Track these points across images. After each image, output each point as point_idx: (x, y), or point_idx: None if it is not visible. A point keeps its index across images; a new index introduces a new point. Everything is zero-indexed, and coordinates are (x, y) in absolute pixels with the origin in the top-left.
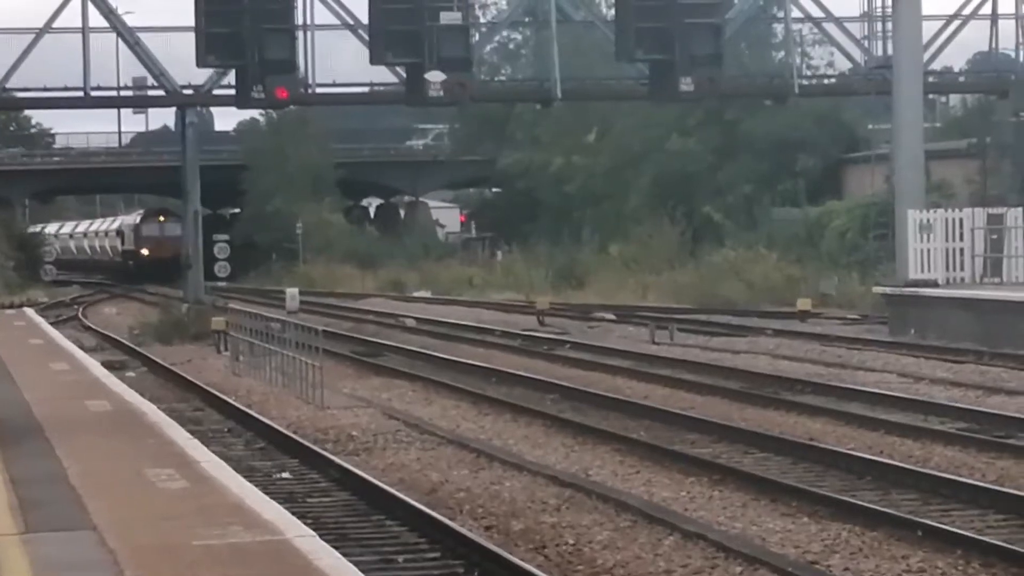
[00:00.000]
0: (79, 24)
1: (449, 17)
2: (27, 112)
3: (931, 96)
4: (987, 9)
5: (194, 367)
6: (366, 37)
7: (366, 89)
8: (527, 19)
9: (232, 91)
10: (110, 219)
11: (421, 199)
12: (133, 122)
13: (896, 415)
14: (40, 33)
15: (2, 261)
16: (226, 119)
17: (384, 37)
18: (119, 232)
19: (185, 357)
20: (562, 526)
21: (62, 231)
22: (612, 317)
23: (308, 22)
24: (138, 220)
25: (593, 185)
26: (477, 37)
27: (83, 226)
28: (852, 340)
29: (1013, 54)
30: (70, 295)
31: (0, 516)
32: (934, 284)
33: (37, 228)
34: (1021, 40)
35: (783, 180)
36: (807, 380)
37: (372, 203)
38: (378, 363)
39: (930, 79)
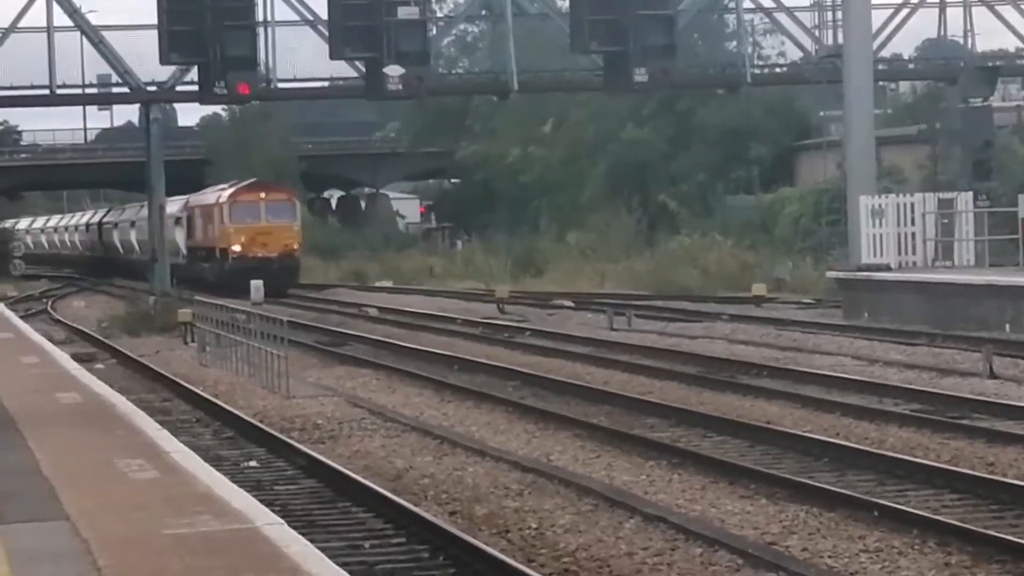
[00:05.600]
0: (44, 24)
1: (406, 12)
2: None
3: (881, 83)
4: None
5: (162, 358)
6: (325, 33)
7: (326, 84)
8: (483, 13)
9: (195, 87)
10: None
11: (381, 191)
12: (98, 119)
13: (851, 397)
14: (5, 33)
15: None
16: (189, 114)
17: (343, 32)
18: (178, 220)
19: (153, 349)
20: (525, 511)
21: (50, 224)
22: (571, 304)
23: (268, 19)
24: (224, 197)
25: (550, 175)
26: (434, 31)
27: (88, 217)
28: (807, 324)
29: (961, 41)
30: (39, 289)
31: None
32: (887, 268)
33: (9, 223)
34: (969, 27)
35: (736, 168)
36: (763, 364)
37: (334, 195)
38: (342, 352)
39: (880, 67)
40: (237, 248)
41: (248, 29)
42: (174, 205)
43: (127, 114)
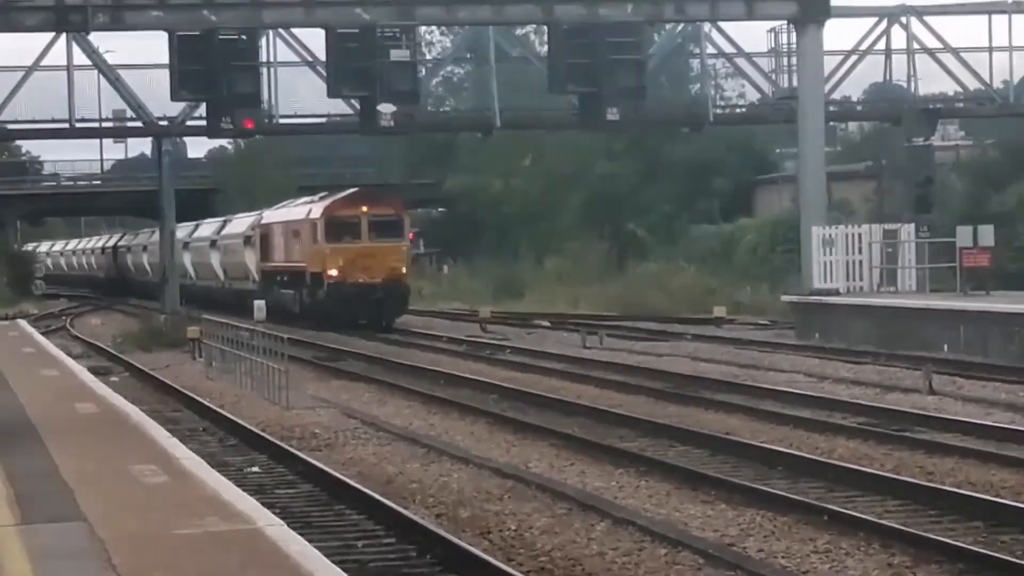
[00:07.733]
0: (64, 62)
1: (398, 54)
2: (18, 142)
3: (832, 123)
4: (882, 45)
5: (172, 372)
6: (324, 73)
7: (324, 119)
8: (469, 56)
9: (203, 122)
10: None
11: None
12: (114, 150)
13: (804, 411)
14: (29, 71)
15: None
16: (198, 147)
17: (340, 73)
18: (248, 239)
19: (163, 363)
20: (505, 514)
21: (80, 246)
22: (548, 324)
23: (271, 59)
24: (318, 211)
25: (529, 206)
26: (424, 72)
27: (104, 241)
28: (763, 343)
29: (905, 85)
30: (58, 307)
31: None
32: (836, 293)
33: (31, 246)
34: (912, 73)
35: (700, 200)
36: (724, 380)
37: None
38: (338, 367)
39: (831, 108)
40: (334, 272)
41: (252, 69)
42: (242, 223)
43: (140, 146)
